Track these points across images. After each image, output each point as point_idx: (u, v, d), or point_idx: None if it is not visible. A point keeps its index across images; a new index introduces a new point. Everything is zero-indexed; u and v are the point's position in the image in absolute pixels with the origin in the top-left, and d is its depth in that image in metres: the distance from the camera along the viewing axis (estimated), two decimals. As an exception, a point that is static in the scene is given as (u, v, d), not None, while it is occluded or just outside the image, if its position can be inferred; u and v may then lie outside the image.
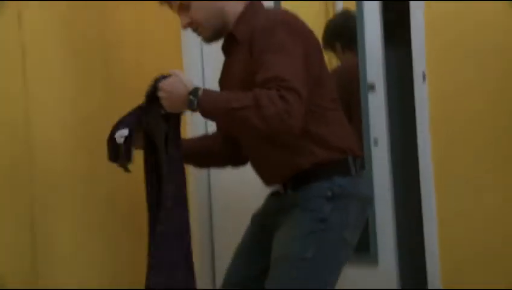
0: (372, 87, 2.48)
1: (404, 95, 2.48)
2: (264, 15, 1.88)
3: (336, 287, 1.88)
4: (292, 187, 1.87)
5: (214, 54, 2.80)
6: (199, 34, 1.94)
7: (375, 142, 2.49)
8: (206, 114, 1.77)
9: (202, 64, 2.97)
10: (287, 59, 1.73)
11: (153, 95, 1.82)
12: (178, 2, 1.89)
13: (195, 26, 1.91)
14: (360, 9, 2.51)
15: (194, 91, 1.74)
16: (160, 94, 1.79)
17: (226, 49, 1.96)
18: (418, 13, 2.31)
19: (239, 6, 1.90)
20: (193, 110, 1.75)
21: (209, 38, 1.95)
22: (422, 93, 2.31)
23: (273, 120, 1.65)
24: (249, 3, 1.92)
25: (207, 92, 1.77)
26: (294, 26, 1.82)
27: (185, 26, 1.92)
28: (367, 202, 1.96)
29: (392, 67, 2.54)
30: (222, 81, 2.01)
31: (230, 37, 1.91)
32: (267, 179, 1.96)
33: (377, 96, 2.49)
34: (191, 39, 2.64)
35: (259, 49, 1.75)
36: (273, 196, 1.99)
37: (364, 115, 2.50)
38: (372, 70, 2.48)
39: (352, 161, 1.86)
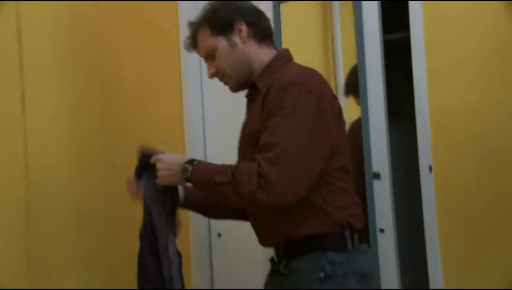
0: (377, 176, 2.49)
1: (410, 183, 2.49)
2: (285, 71, 1.80)
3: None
4: (284, 255, 1.79)
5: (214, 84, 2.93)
6: (225, 83, 1.91)
7: (381, 230, 2.48)
8: (195, 183, 1.78)
9: (202, 94, 3.07)
10: (291, 125, 1.66)
11: (144, 166, 1.87)
12: (205, 50, 1.88)
13: (221, 75, 1.89)
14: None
15: (190, 161, 1.77)
16: (159, 165, 1.81)
17: (248, 97, 1.92)
18: (423, 104, 2.36)
19: (266, 57, 1.87)
20: (187, 179, 1.76)
21: (235, 88, 1.91)
22: (428, 184, 2.33)
23: (248, 199, 1.64)
24: (277, 55, 1.88)
25: (200, 163, 1.78)
26: (311, 89, 1.70)
27: (210, 75, 1.91)
28: (368, 278, 1.80)
29: (397, 154, 2.56)
30: (243, 127, 1.95)
31: (253, 86, 1.86)
32: (261, 240, 1.90)
33: (383, 185, 2.49)
34: (190, 72, 2.73)
35: (269, 109, 1.70)
36: (270, 262, 1.90)
37: (370, 203, 2.49)
38: (377, 159, 2.49)
39: (349, 235, 1.74)
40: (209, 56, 1.88)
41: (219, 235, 2.98)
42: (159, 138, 2.30)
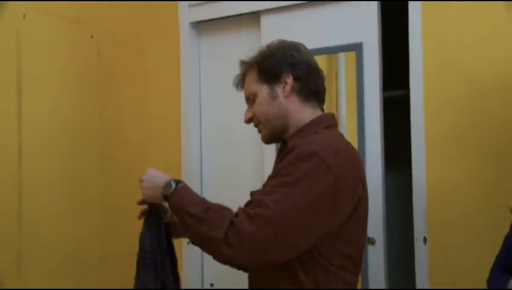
0: (371, 241, 2.46)
1: (404, 251, 2.46)
2: (315, 138, 1.64)
3: None
4: None
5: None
6: (259, 130, 1.77)
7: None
8: (171, 204, 1.66)
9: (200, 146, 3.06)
10: (289, 196, 1.50)
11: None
12: (247, 93, 1.78)
13: (256, 121, 1.76)
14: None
15: (177, 181, 1.67)
16: (143, 177, 1.73)
17: (279, 153, 1.76)
18: (420, 178, 2.35)
19: (306, 117, 1.71)
20: (165, 196, 1.65)
21: (266, 138, 1.76)
22: (422, 255, 2.30)
23: (208, 243, 1.53)
24: (317, 118, 1.72)
25: (185, 188, 1.66)
26: (331, 166, 1.54)
27: (247, 120, 1.77)
28: None
29: (392, 223, 2.53)
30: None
31: (285, 144, 1.71)
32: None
33: (377, 250, 2.46)
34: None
35: (278, 169, 1.59)
36: None
37: (363, 268, 2.45)
38: (372, 224, 2.45)
39: None
40: (250, 100, 1.77)
41: (211, 285, 2.97)
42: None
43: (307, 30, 2.65)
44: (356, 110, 2.58)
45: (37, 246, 2.43)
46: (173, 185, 1.64)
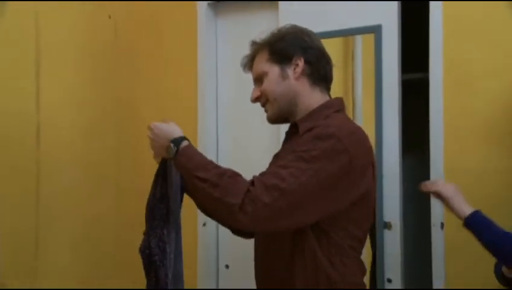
0: (388, 226, 2.45)
1: (421, 235, 2.45)
2: (330, 121, 1.67)
3: None
4: None
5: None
6: (266, 110, 1.78)
7: (389, 280, 2.45)
8: (178, 166, 1.68)
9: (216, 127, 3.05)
10: (306, 171, 1.54)
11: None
12: (256, 72, 1.79)
13: (263, 100, 1.77)
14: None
15: (177, 140, 1.66)
16: (149, 134, 1.74)
17: (287, 135, 1.80)
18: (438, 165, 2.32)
19: (315, 101, 1.74)
20: (171, 158, 1.67)
21: (272, 118, 1.78)
22: (439, 240, 2.29)
23: (225, 209, 1.54)
24: (327, 102, 1.75)
25: (189, 148, 1.66)
26: (347, 147, 1.58)
27: (254, 99, 1.79)
28: None
29: (409, 207, 2.52)
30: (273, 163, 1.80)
31: (295, 127, 1.74)
32: (257, 277, 1.80)
33: (393, 235, 2.45)
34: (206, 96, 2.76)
35: (296, 146, 1.62)
36: None
37: (379, 253, 2.45)
38: (389, 209, 2.45)
39: None
40: (258, 80, 1.79)
41: (227, 266, 2.98)
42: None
43: (325, 13, 2.62)
44: (374, 93, 2.55)
45: (53, 224, 2.45)
46: (173, 148, 1.65)
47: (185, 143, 1.66)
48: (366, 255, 2.52)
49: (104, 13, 2.79)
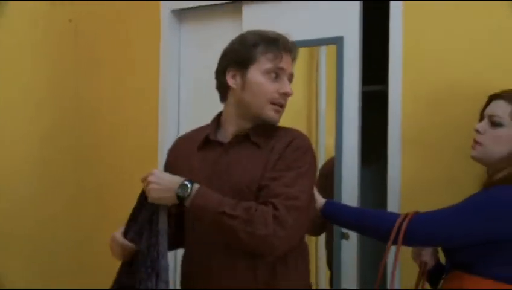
0: (345, 236, 2.46)
1: (377, 246, 2.46)
2: (295, 132, 1.83)
3: None
4: None
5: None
6: (280, 110, 1.83)
7: (345, 291, 2.47)
8: (194, 206, 1.67)
9: (178, 118, 3.05)
10: (306, 184, 1.71)
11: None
12: (291, 71, 1.85)
13: (286, 100, 1.85)
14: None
15: (190, 180, 1.68)
16: (150, 178, 1.70)
17: (233, 144, 1.83)
18: (395, 174, 2.37)
19: None
20: (181, 198, 1.66)
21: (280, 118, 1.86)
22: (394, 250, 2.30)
23: (261, 242, 1.61)
24: None
25: (202, 187, 1.69)
26: (314, 157, 1.81)
27: (292, 93, 1.84)
28: None
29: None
30: (225, 174, 1.80)
31: (247, 138, 1.81)
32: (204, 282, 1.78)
33: (350, 245, 2.46)
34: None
35: (286, 163, 1.72)
36: None
37: (336, 263, 2.47)
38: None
39: None
40: (289, 79, 1.85)
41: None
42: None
43: (289, 22, 2.64)
44: (335, 103, 2.58)
45: (9, 222, 2.40)
46: (189, 185, 1.67)
47: (196, 184, 1.69)
48: (324, 265, 2.56)
49: (65, 16, 2.75)
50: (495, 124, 1.80)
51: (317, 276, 2.59)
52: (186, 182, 1.67)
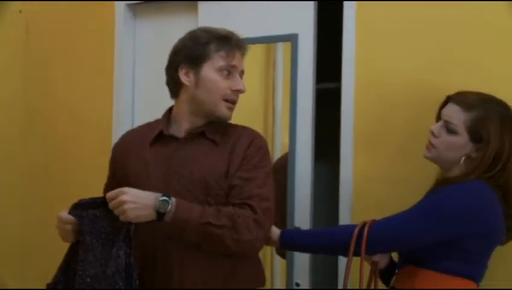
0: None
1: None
2: (251, 130, 1.91)
3: None
4: None
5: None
6: (232, 107, 1.89)
7: (297, 285, 2.50)
8: (177, 220, 1.68)
9: (133, 99, 3.03)
10: (272, 183, 1.83)
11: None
12: (242, 68, 1.90)
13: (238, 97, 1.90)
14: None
15: (167, 195, 1.69)
16: (125, 198, 1.64)
17: (187, 139, 1.86)
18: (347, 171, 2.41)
19: None
20: (161, 213, 1.66)
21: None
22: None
23: (247, 246, 1.73)
24: None
25: (180, 200, 1.70)
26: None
27: (244, 90, 1.90)
28: None
29: (320, 213, 2.58)
30: (178, 168, 1.82)
31: (202, 134, 1.85)
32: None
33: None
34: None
35: (253, 163, 1.80)
36: None
37: (289, 257, 2.51)
38: (299, 214, 2.51)
39: None
40: (241, 75, 1.91)
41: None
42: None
43: (244, 18, 2.65)
44: (289, 100, 2.61)
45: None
46: (169, 200, 1.68)
47: (172, 197, 1.70)
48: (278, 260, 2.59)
49: (15, 6, 2.69)
50: (450, 131, 1.86)
51: (272, 266, 2.63)
52: (165, 197, 1.68)
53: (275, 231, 1.96)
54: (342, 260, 2.38)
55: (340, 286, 2.39)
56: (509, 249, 1.95)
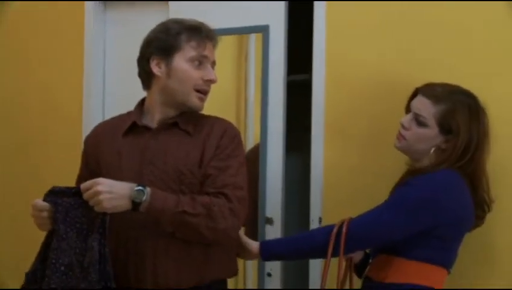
0: (270, 221, 2.52)
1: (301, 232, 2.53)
2: (224, 121, 1.93)
3: None
4: None
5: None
6: (204, 97, 1.90)
7: (269, 274, 2.52)
8: (152, 210, 1.68)
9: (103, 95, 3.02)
10: (246, 172, 1.86)
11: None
12: (214, 58, 1.91)
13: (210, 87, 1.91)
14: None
15: (142, 185, 1.69)
16: (100, 188, 1.64)
17: (160, 130, 1.86)
18: (318, 160, 2.44)
19: None
20: (137, 203, 1.66)
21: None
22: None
23: (222, 234, 1.75)
24: None
25: (155, 189, 1.71)
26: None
27: (216, 80, 1.91)
28: None
29: (292, 204, 2.61)
30: (152, 157, 1.82)
31: (175, 124, 1.86)
32: (154, 278, 1.78)
33: (275, 230, 2.53)
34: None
35: (227, 153, 1.82)
36: None
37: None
38: (270, 204, 2.53)
39: None
40: (213, 66, 1.92)
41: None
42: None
43: (216, 11, 2.65)
44: (260, 92, 2.62)
45: None
46: (145, 190, 1.68)
47: (147, 187, 1.70)
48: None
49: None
50: (420, 123, 1.90)
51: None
52: (140, 187, 1.68)
53: (254, 244, 1.97)
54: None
55: (312, 275, 2.43)
56: (474, 236, 2.00)
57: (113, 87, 3.00)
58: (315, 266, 2.43)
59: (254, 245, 1.97)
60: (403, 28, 2.34)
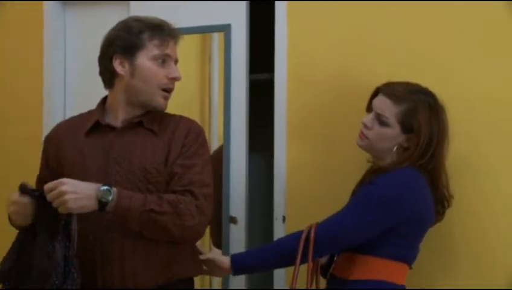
0: (234, 220, 2.53)
1: (265, 230, 2.55)
2: (186, 118, 1.93)
3: None
4: None
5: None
6: (168, 96, 1.89)
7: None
8: (120, 209, 1.67)
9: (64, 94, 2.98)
10: (211, 169, 1.87)
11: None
12: (176, 56, 1.90)
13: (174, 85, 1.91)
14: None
15: (108, 184, 1.67)
16: (65, 188, 1.61)
17: (124, 129, 1.84)
18: (281, 160, 2.46)
19: None
20: (104, 203, 1.65)
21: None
22: (281, 233, 2.40)
23: (190, 232, 1.75)
24: None
25: (122, 189, 1.70)
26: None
27: (180, 78, 1.90)
28: None
29: (255, 203, 2.61)
30: (119, 158, 1.81)
31: (140, 124, 1.85)
32: (125, 278, 1.77)
33: (239, 229, 2.53)
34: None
35: (193, 150, 1.82)
36: None
37: (225, 247, 2.53)
38: (234, 203, 2.54)
39: None
40: (175, 64, 1.91)
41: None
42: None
43: (177, 10, 2.63)
44: (223, 91, 2.62)
45: None
46: (111, 190, 1.67)
47: (113, 187, 1.69)
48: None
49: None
50: (382, 123, 1.92)
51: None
52: (107, 187, 1.67)
53: (224, 260, 1.98)
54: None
55: (276, 273, 2.44)
56: (434, 231, 2.03)
57: (74, 87, 2.95)
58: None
59: (225, 261, 1.97)
60: (364, 28, 2.37)
